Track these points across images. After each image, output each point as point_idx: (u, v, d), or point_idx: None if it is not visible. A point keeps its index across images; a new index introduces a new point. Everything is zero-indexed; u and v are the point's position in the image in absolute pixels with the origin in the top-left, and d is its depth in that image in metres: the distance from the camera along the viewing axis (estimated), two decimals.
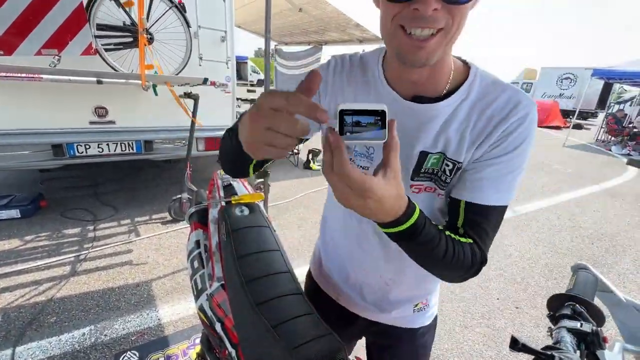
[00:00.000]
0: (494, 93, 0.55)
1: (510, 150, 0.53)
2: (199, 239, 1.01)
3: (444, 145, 0.58)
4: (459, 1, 0.44)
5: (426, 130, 0.58)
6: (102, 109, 2.90)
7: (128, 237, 2.80)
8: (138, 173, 4.38)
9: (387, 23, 0.49)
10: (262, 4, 4.83)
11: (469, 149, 0.56)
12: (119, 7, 2.46)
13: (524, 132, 0.53)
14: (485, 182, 0.55)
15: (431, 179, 0.61)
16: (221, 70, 3.33)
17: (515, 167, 0.55)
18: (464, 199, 0.57)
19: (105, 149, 2.94)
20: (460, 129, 0.56)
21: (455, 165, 0.57)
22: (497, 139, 0.54)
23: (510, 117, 0.53)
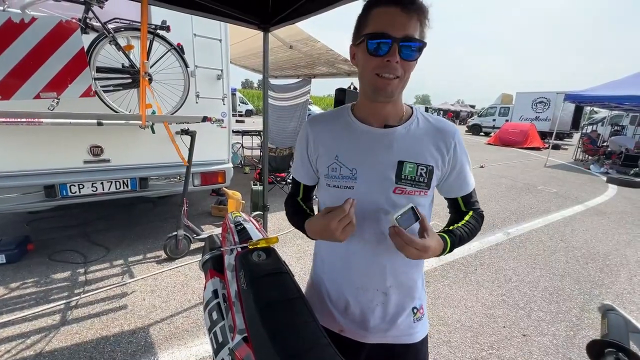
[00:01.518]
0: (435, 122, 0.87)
1: (461, 156, 0.86)
2: (217, 287, 0.99)
3: (415, 157, 0.82)
4: (408, 59, 0.73)
5: (398, 146, 0.83)
6: (97, 148, 2.88)
7: (121, 279, 2.69)
8: (129, 209, 4.28)
9: (367, 71, 0.77)
10: (251, 42, 5.06)
11: (432, 156, 0.83)
12: (118, 50, 2.52)
13: (460, 142, 0.86)
14: (462, 181, 0.89)
15: (412, 185, 0.82)
16: (217, 106, 3.41)
17: (467, 163, 0.89)
18: (458, 195, 0.91)
19: (99, 187, 2.89)
20: (423, 144, 0.84)
21: (427, 168, 0.82)
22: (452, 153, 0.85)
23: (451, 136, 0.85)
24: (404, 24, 0.70)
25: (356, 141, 0.85)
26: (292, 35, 4.68)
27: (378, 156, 0.83)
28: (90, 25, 2.37)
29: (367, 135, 0.85)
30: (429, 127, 0.85)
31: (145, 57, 2.10)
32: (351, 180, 0.84)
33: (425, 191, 0.84)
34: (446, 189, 0.91)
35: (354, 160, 0.84)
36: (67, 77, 2.25)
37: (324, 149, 0.89)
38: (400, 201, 0.82)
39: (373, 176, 0.83)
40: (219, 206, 4.24)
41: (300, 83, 6.65)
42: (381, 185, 0.83)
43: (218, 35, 3.25)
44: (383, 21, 0.71)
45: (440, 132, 0.85)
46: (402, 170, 0.81)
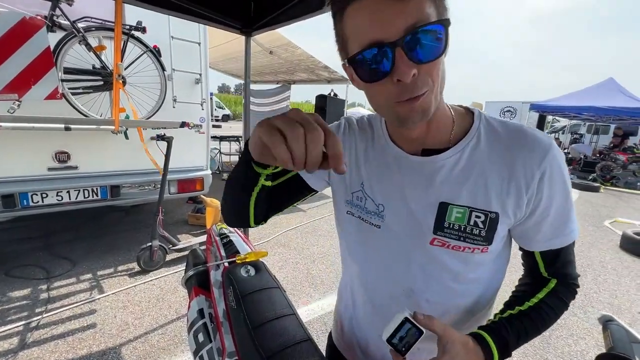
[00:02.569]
0: (509, 136, 0.55)
1: (552, 192, 0.53)
2: (202, 306, 0.92)
3: (468, 197, 0.55)
4: (430, 59, 0.45)
5: (440, 181, 0.57)
6: (63, 154, 2.68)
7: (89, 295, 2.50)
8: (99, 219, 4.02)
9: (379, 102, 0.52)
10: (230, 46, 4.97)
11: (498, 195, 0.54)
12: (89, 50, 2.38)
13: (554, 168, 0.53)
14: (550, 229, 0.56)
15: (459, 237, 0.56)
16: (196, 111, 3.29)
17: (567, 203, 0.55)
18: (537, 250, 0.59)
19: (65, 197, 2.69)
20: (483, 177, 0.55)
21: (487, 215, 0.54)
22: (536, 188, 0.53)
23: (538, 158, 0.52)
24: (396, 13, 0.43)
25: (386, 168, 0.63)
26: (272, 41, 4.65)
27: (412, 193, 0.60)
28: (57, 23, 2.22)
29: (400, 163, 0.62)
30: (497, 146, 0.55)
31: (119, 59, 1.98)
32: (377, 218, 0.64)
33: (484, 247, 0.57)
34: (519, 235, 0.60)
35: (382, 194, 0.63)
36: (30, 78, 2.09)
37: (351, 164, 0.68)
38: (441, 256, 0.59)
39: (404, 218, 0.61)
40: (196, 214, 4.08)
41: (280, 89, 6.62)
42: (415, 232, 0.60)
43: (197, 38, 3.16)
44: (364, 24, 0.45)
45: (518, 151, 0.54)
46: (445, 216, 0.57)
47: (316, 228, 4.25)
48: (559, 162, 0.53)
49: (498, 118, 0.59)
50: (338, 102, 5.76)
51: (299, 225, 4.30)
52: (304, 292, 2.75)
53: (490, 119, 0.59)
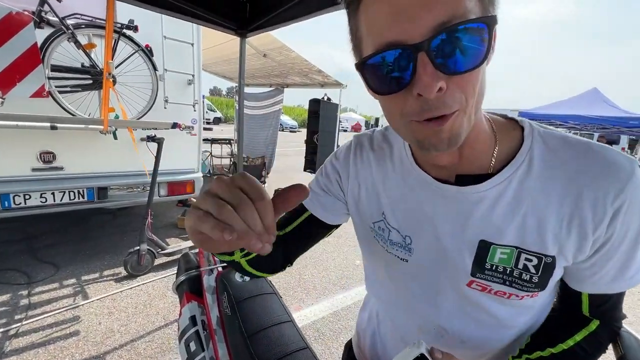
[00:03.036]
0: (575, 159, 0.42)
1: (627, 233, 0.41)
2: (195, 313, 0.88)
3: (515, 236, 0.44)
4: (463, 69, 0.34)
5: (480, 216, 0.46)
6: (48, 154, 2.59)
7: (73, 301, 2.40)
8: (85, 222, 3.90)
9: (395, 118, 0.41)
10: (222, 49, 4.94)
11: (557, 238, 0.42)
12: (78, 48, 2.31)
13: (634, 205, 0.40)
14: (610, 273, 0.44)
15: (504, 282, 0.46)
16: (188, 112, 3.24)
17: (637, 246, 0.43)
18: (587, 292, 0.48)
19: (49, 198, 2.59)
20: (536, 212, 0.43)
21: (541, 259, 0.43)
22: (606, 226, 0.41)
23: (613, 191, 0.39)
24: (423, 5, 0.33)
25: (412, 196, 0.52)
26: (266, 44, 4.63)
27: (445, 227, 0.49)
28: (45, 19, 2.15)
29: (429, 192, 0.50)
30: (555, 171, 0.43)
31: (110, 57, 1.93)
32: (404, 252, 0.54)
33: (535, 293, 0.47)
34: (570, 273, 0.48)
35: (407, 225, 0.53)
36: (15, 75, 2.02)
37: (367, 196, 0.58)
38: (479, 299, 0.50)
39: (435, 255, 0.51)
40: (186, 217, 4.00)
41: (273, 92, 6.59)
42: (449, 273, 0.51)
43: (190, 38, 3.12)
44: (381, 19, 0.35)
45: (587, 179, 0.41)
46: (486, 257, 0.46)
47: None
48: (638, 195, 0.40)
49: (556, 131, 0.46)
50: (331, 106, 5.76)
51: None
52: (296, 298, 2.71)
53: (546, 133, 0.46)
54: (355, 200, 0.60)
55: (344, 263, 3.40)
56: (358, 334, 0.77)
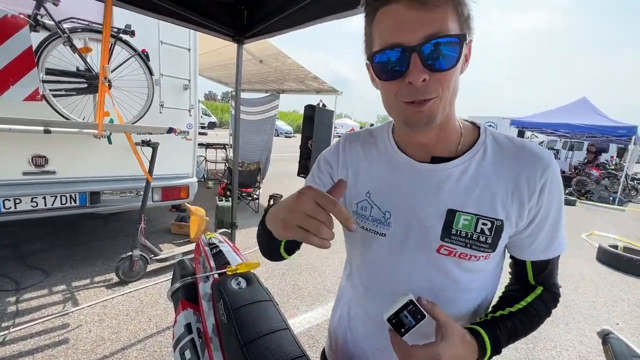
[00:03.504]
0: (515, 151, 0.59)
1: (549, 202, 0.57)
2: (190, 321, 0.87)
3: (475, 205, 0.58)
4: (442, 68, 0.49)
5: (449, 189, 0.59)
6: (40, 158, 2.56)
7: (63, 308, 2.35)
8: (76, 226, 3.84)
9: (389, 99, 0.55)
10: (218, 54, 4.96)
11: (503, 204, 0.57)
12: (74, 52, 2.30)
13: (553, 181, 0.57)
14: (543, 241, 0.60)
15: (466, 245, 0.58)
16: (183, 117, 3.23)
17: (559, 214, 0.59)
18: (529, 259, 0.63)
19: (40, 203, 2.55)
20: (489, 187, 0.58)
21: (493, 223, 0.57)
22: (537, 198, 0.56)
23: (540, 170, 0.56)
24: (419, 21, 0.47)
25: (394, 176, 0.65)
26: (262, 50, 4.66)
27: (421, 201, 0.61)
28: (41, 22, 2.14)
29: (408, 172, 0.63)
30: (502, 159, 0.59)
31: (106, 61, 1.93)
32: (383, 226, 0.64)
33: (487, 254, 0.59)
34: (513, 244, 0.62)
35: (389, 201, 0.64)
36: (9, 78, 1.99)
37: (354, 179, 0.69)
38: (445, 264, 0.61)
39: (411, 226, 0.62)
40: (179, 223, 3.96)
41: (269, 97, 6.61)
42: (421, 240, 0.61)
43: (187, 44, 3.13)
44: (389, 26, 0.50)
45: (521, 164, 0.57)
46: (453, 223, 0.58)
47: None
48: (557, 176, 0.58)
49: (503, 133, 0.63)
50: (326, 112, 5.80)
51: None
52: (290, 305, 2.69)
53: (496, 133, 0.63)
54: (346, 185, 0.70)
55: (339, 269, 3.39)
56: (330, 337, 0.83)
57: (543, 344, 2.47)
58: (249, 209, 5.22)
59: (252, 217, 4.92)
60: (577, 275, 3.84)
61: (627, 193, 9.89)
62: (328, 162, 0.74)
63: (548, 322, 2.27)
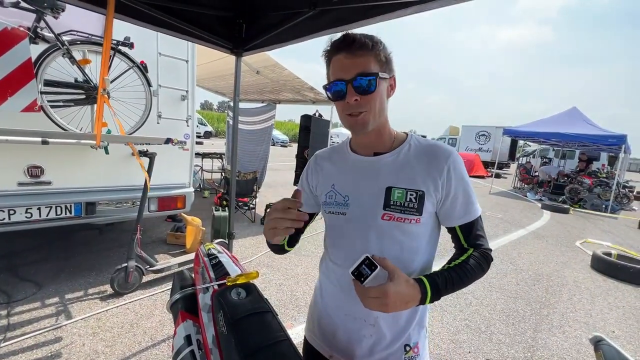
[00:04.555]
0: (429, 147, 0.85)
1: (459, 181, 0.81)
2: (190, 332, 0.87)
3: (404, 182, 0.81)
4: (367, 92, 0.75)
5: (385, 172, 0.84)
6: (36, 168, 2.55)
7: (56, 321, 2.31)
8: (70, 237, 3.79)
9: (339, 113, 0.83)
10: (215, 65, 5.01)
11: (423, 181, 0.80)
12: (73, 64, 2.33)
13: (455, 166, 0.81)
14: (461, 208, 0.82)
15: (401, 211, 0.80)
16: (180, 127, 3.25)
17: (468, 188, 0.83)
18: (456, 224, 0.84)
19: (35, 214, 2.53)
20: (412, 170, 0.82)
21: (417, 193, 0.80)
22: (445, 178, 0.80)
23: (443, 159, 0.81)
24: (353, 65, 0.75)
25: (349, 170, 0.90)
26: (259, 61, 4.72)
27: (368, 183, 0.85)
28: (41, 35, 2.17)
29: (358, 164, 0.89)
30: (421, 152, 0.84)
31: (105, 73, 1.95)
32: (344, 207, 0.87)
33: (417, 218, 0.80)
34: (442, 216, 0.84)
35: (347, 188, 0.88)
36: (7, 89, 2.00)
37: (323, 178, 0.95)
38: (390, 229, 0.82)
39: (363, 203, 0.85)
40: (176, 233, 3.93)
41: (265, 107, 6.66)
42: (371, 212, 0.83)
43: (185, 55, 3.17)
44: (336, 69, 0.78)
45: (432, 155, 0.82)
46: (390, 196, 0.81)
47: (300, 247, 4.19)
48: (458, 162, 0.82)
49: (424, 138, 0.90)
50: (323, 122, 5.86)
51: None
52: (288, 315, 2.67)
53: (419, 137, 0.89)
54: (316, 185, 0.97)
55: None
56: (308, 320, 1.04)
57: (541, 352, 2.47)
58: (246, 219, 5.20)
59: (248, 226, 4.90)
60: (573, 283, 3.87)
61: (619, 201, 10.03)
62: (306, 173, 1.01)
63: (545, 330, 2.29)
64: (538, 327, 2.82)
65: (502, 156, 18.12)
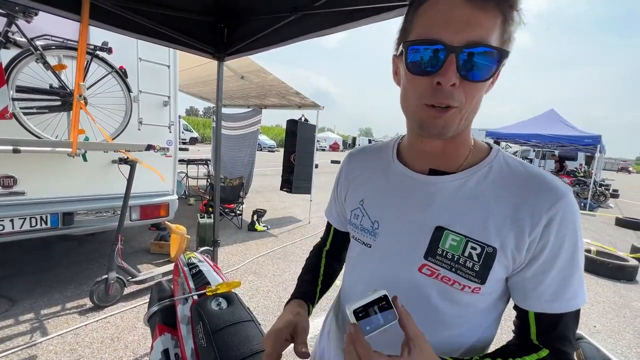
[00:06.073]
0: (525, 177, 0.52)
1: (557, 243, 0.49)
2: (167, 346, 0.84)
3: (466, 226, 0.52)
4: (474, 79, 0.47)
5: (441, 203, 0.55)
6: (8, 179, 2.43)
7: (30, 339, 2.19)
8: (46, 249, 3.63)
9: (410, 97, 0.52)
10: (199, 70, 4.96)
11: (498, 230, 0.50)
12: (47, 69, 2.25)
13: (564, 219, 0.49)
14: (550, 288, 0.50)
15: (451, 268, 0.53)
16: (163, 133, 3.18)
17: (574, 261, 0.50)
18: (533, 310, 0.52)
19: (7, 226, 2.41)
20: (486, 209, 0.52)
21: (483, 249, 0.51)
22: (541, 234, 0.49)
23: (548, 203, 0.49)
24: (468, 21, 0.45)
25: (388, 186, 0.63)
26: (243, 66, 4.70)
27: (409, 212, 0.58)
28: (12, 40, 2.09)
29: (402, 181, 0.61)
30: (508, 182, 0.53)
31: (81, 79, 1.89)
32: (370, 236, 0.63)
33: (477, 286, 0.52)
34: (513, 287, 0.54)
35: (378, 210, 0.63)
36: None
37: (353, 188, 0.70)
38: (427, 289, 0.55)
39: (396, 237, 0.59)
40: (159, 242, 3.83)
41: (251, 112, 6.63)
42: (405, 254, 0.58)
43: (166, 60, 3.11)
44: (434, 19, 0.47)
45: (528, 191, 0.51)
46: (439, 242, 0.54)
47: (287, 253, 4.15)
48: (573, 212, 0.49)
49: (519, 159, 0.57)
50: (309, 127, 5.85)
51: (270, 251, 4.17)
52: None
53: (510, 157, 0.57)
54: (345, 194, 0.73)
55: None
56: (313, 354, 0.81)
57: None
58: (232, 225, 5.12)
59: (235, 233, 4.82)
60: None
61: (596, 199, 10.40)
62: (338, 178, 0.78)
63: None
64: None
65: None
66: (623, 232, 7.03)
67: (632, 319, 3.15)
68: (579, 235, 0.50)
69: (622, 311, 3.30)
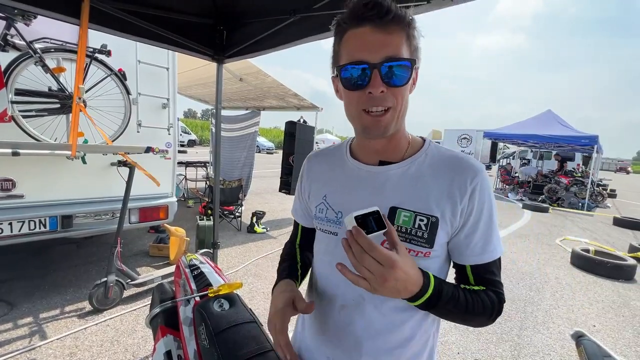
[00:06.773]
0: (451, 160, 0.67)
1: (479, 206, 0.63)
2: (170, 348, 0.84)
3: (414, 203, 0.64)
4: (396, 85, 0.59)
5: (391, 188, 0.67)
6: (7, 182, 2.43)
7: (29, 343, 2.18)
8: (45, 253, 3.62)
9: (351, 108, 0.63)
10: (198, 72, 4.96)
11: (437, 203, 0.63)
12: (46, 72, 2.25)
13: (483, 188, 0.64)
14: (478, 244, 0.64)
15: (406, 239, 0.64)
16: (162, 136, 3.18)
17: (492, 219, 0.65)
18: (468, 263, 0.66)
19: (6, 229, 2.40)
20: (426, 187, 0.65)
21: (429, 219, 0.63)
22: (467, 201, 0.63)
23: (469, 177, 0.63)
24: (381, 43, 0.57)
25: (346, 180, 0.73)
26: (242, 69, 4.71)
27: (366, 199, 0.67)
28: (11, 42, 2.09)
29: (357, 174, 0.72)
30: (440, 165, 0.66)
31: (80, 82, 1.89)
32: (335, 226, 0.71)
33: (427, 251, 0.64)
34: (452, 249, 0.67)
35: (340, 202, 0.72)
36: None
37: (315, 186, 0.79)
38: None
39: None
40: (158, 245, 3.82)
41: (249, 114, 6.63)
42: None
43: (165, 63, 3.12)
44: (356, 46, 0.59)
45: (455, 170, 0.64)
46: (394, 219, 0.64)
47: None
48: (487, 184, 0.65)
49: (445, 147, 0.71)
50: (307, 128, 5.86)
51: (270, 253, 4.17)
52: None
53: (439, 146, 0.71)
54: (308, 193, 0.81)
55: None
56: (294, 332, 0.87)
57: (526, 350, 2.51)
58: (232, 227, 5.11)
59: (234, 235, 4.82)
60: (554, 280, 3.98)
61: (594, 199, 10.45)
62: (300, 179, 0.86)
63: (530, 327, 2.32)
64: (523, 325, 2.87)
65: (484, 158, 18.63)
66: (621, 231, 7.07)
67: (630, 318, 3.17)
68: (493, 201, 0.66)
69: (620, 310, 3.32)
